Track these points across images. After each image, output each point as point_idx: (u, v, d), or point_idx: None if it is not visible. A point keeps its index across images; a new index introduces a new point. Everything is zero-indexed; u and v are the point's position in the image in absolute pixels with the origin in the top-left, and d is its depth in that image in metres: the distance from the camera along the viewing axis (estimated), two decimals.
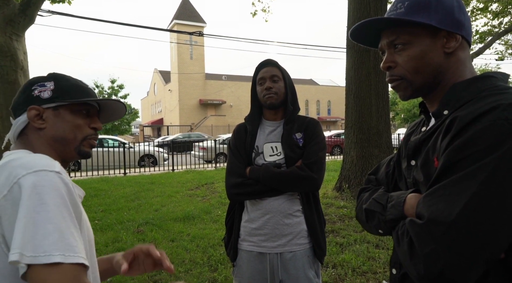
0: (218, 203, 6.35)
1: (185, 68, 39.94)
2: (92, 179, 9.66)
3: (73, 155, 0.98)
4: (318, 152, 1.64)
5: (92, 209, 6.10)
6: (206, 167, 12.48)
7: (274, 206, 1.63)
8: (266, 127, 1.78)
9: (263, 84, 1.71)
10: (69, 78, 1.01)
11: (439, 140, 0.79)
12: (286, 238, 1.62)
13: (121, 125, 29.15)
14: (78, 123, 0.97)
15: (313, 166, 1.60)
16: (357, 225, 4.68)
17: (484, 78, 0.81)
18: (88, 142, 1.00)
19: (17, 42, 4.66)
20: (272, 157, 1.70)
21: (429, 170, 0.81)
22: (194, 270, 3.49)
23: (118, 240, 4.42)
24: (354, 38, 0.97)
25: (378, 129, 5.89)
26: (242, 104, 41.42)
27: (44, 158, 0.82)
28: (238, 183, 1.65)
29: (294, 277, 1.60)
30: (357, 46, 5.90)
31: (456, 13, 0.83)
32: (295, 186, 1.62)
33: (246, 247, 1.68)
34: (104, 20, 10.61)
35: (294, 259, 1.61)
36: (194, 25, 39.22)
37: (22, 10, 4.63)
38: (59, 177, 0.77)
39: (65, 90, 0.97)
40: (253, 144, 1.74)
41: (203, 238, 4.45)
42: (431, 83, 0.86)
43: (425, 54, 0.84)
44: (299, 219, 1.65)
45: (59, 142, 0.95)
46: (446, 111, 0.81)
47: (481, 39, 13.21)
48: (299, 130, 1.70)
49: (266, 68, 1.74)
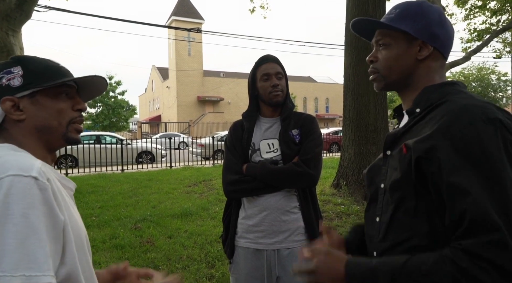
0: (215, 200, 6.36)
1: (183, 65, 39.85)
2: (90, 175, 9.65)
3: (60, 143, 0.92)
4: (314, 148, 1.64)
5: (90, 205, 6.10)
6: (204, 163, 12.48)
7: (271, 202, 1.63)
8: (262, 124, 1.77)
9: (268, 80, 1.68)
10: (36, 59, 0.91)
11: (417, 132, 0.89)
12: (283, 234, 1.62)
13: (119, 122, 29.10)
14: (60, 107, 0.89)
15: (310, 162, 1.61)
16: (354, 222, 4.70)
17: (450, 84, 0.95)
18: (74, 126, 0.92)
19: (14, 37, 4.64)
20: (268, 153, 1.69)
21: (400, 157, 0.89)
22: (191, 266, 3.50)
23: (115, 236, 4.42)
24: (355, 30, 1.10)
25: (376, 127, 5.89)
26: (240, 101, 41.37)
27: (22, 159, 0.76)
28: (235, 180, 1.65)
29: (291, 273, 1.57)
30: (355, 43, 5.89)
31: (434, 27, 0.95)
32: (292, 182, 1.62)
33: (243, 244, 1.67)
34: (101, 16, 10.56)
35: (291, 256, 1.60)
36: (192, 22, 39.08)
37: (19, 6, 4.60)
38: (35, 183, 0.70)
39: (36, 73, 0.87)
40: (250, 140, 1.73)
41: (200, 234, 4.46)
42: (402, 82, 1.00)
43: (399, 57, 0.98)
44: (296, 215, 1.65)
45: (43, 131, 0.87)
46: (418, 110, 0.93)
47: (479, 37, 13.22)
48: (296, 127, 1.70)
49: (270, 64, 1.71)
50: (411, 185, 0.85)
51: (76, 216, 0.87)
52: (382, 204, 0.96)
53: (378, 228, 0.96)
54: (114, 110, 28.35)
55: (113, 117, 28.54)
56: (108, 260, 3.67)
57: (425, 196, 0.83)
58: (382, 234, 0.93)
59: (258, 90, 1.73)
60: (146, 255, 3.81)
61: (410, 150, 0.84)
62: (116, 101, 28.63)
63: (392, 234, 0.91)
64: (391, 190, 0.91)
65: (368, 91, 5.80)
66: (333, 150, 17.03)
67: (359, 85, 5.88)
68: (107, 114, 28.20)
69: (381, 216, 0.96)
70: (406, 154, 0.86)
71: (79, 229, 0.85)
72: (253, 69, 1.75)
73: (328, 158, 13.79)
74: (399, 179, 0.88)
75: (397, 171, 0.89)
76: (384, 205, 0.95)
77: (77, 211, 0.91)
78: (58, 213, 0.74)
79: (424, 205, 0.84)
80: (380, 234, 0.94)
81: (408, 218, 0.87)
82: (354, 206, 5.39)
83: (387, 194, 0.93)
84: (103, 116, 28.06)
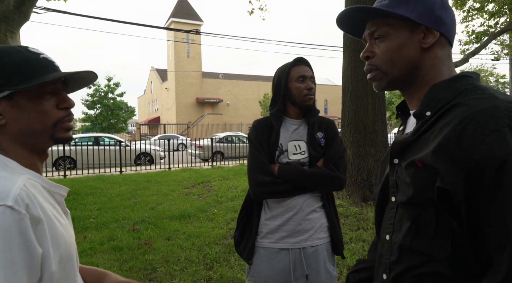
0: (214, 202, 6.35)
1: (182, 66, 39.85)
2: (88, 177, 9.62)
3: (48, 144, 0.83)
4: (343, 153, 1.70)
5: (88, 207, 6.08)
6: (203, 165, 12.46)
7: (299, 202, 1.65)
8: (288, 125, 1.75)
9: (304, 82, 1.70)
10: (11, 51, 0.78)
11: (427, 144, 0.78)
12: (308, 233, 1.65)
13: (118, 124, 29.04)
14: (43, 109, 0.79)
15: (340, 166, 1.66)
16: (352, 224, 4.69)
17: (462, 78, 0.82)
18: (62, 126, 0.83)
19: (12, 39, 4.63)
20: (295, 155, 1.69)
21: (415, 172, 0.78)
22: (189, 268, 3.49)
23: (113, 238, 4.41)
24: (342, 27, 0.97)
25: (374, 129, 5.90)
26: (239, 103, 41.39)
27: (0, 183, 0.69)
28: (267, 182, 1.61)
29: (315, 271, 1.63)
30: (354, 45, 5.90)
31: (437, 10, 0.83)
32: (324, 186, 1.67)
33: (267, 245, 1.67)
34: (100, 18, 10.56)
35: (315, 254, 1.65)
36: (191, 23, 39.10)
37: (17, 7, 4.60)
38: (10, 213, 0.65)
39: (11, 71, 0.75)
40: (278, 141, 1.71)
41: (198, 236, 4.45)
42: (407, 77, 0.86)
43: (401, 47, 0.84)
44: (320, 214, 1.69)
45: (28, 135, 0.79)
46: (429, 113, 0.80)
47: (477, 39, 13.25)
48: (320, 130, 1.74)
49: (305, 67, 1.73)
50: (431, 205, 0.74)
51: (64, 229, 0.80)
52: (394, 221, 0.86)
53: (389, 248, 0.86)
54: (112, 112, 28.29)
55: (112, 118, 28.46)
56: (106, 262, 3.65)
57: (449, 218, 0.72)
58: (395, 255, 0.83)
59: (290, 91, 1.71)
60: (144, 257, 3.79)
61: (428, 167, 0.73)
62: (115, 103, 28.57)
63: (406, 256, 0.80)
64: (405, 206, 0.80)
65: (367, 93, 5.80)
66: None
67: (357, 87, 5.89)
68: (105, 115, 28.12)
69: (392, 234, 0.86)
70: (422, 169, 0.75)
71: (66, 244, 0.79)
72: (286, 70, 1.73)
73: None
74: (414, 196, 0.77)
75: (411, 187, 0.78)
76: (397, 221, 0.85)
77: (66, 221, 0.85)
78: (35, 244, 0.69)
79: (447, 226, 0.73)
80: (393, 256, 0.84)
81: (427, 239, 0.76)
82: (352, 207, 5.39)
83: (400, 210, 0.83)
84: (101, 117, 27.99)
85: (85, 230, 4.81)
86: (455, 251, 0.72)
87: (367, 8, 0.87)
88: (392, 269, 0.84)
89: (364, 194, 5.79)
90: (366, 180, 5.85)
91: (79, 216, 5.40)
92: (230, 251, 3.92)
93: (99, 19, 10.53)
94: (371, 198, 5.67)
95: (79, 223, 5.02)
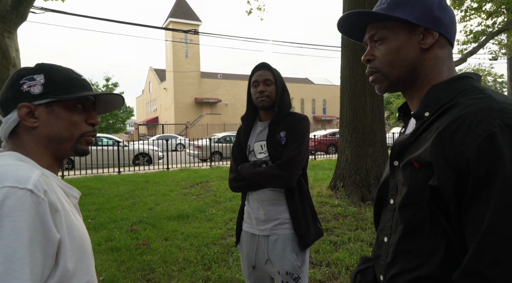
0: (212, 202, 6.34)
1: (180, 66, 39.82)
2: (86, 177, 9.60)
3: (69, 153, 0.92)
4: (292, 151, 1.77)
5: (86, 207, 6.06)
6: (201, 165, 12.45)
7: (261, 196, 1.84)
8: (258, 127, 1.94)
9: (257, 87, 1.85)
10: (60, 69, 0.92)
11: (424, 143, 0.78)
12: (273, 222, 1.81)
13: (116, 124, 28.99)
14: (74, 120, 0.90)
15: (284, 165, 1.74)
16: (351, 224, 4.69)
17: (461, 79, 0.82)
18: (86, 139, 0.93)
19: (9, 39, 4.61)
20: (261, 154, 1.88)
21: (411, 172, 0.79)
22: (187, 268, 3.48)
23: (111, 239, 4.39)
24: (343, 32, 0.99)
25: (372, 128, 5.90)
26: (237, 103, 41.37)
27: (21, 170, 0.75)
28: (232, 178, 1.92)
29: (277, 257, 1.78)
30: (352, 44, 5.91)
31: (435, 10, 0.84)
32: (269, 183, 1.79)
33: (245, 228, 1.93)
34: (98, 18, 10.53)
35: (277, 241, 1.80)
36: (189, 23, 39.07)
37: (14, 7, 4.58)
38: (30, 196, 0.70)
39: (57, 84, 0.89)
40: (247, 142, 1.94)
41: (197, 236, 4.44)
42: (407, 78, 0.87)
43: (401, 49, 0.85)
44: (283, 207, 1.81)
45: (54, 141, 0.88)
46: (427, 113, 0.81)
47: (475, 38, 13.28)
48: (284, 129, 1.83)
49: (260, 72, 1.87)
50: (425, 205, 0.75)
51: (79, 224, 0.87)
52: (392, 223, 0.87)
53: (386, 250, 0.87)
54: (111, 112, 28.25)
55: (110, 119, 28.43)
56: (104, 263, 3.64)
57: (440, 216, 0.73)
58: (390, 257, 0.84)
59: (251, 96, 1.90)
60: (142, 257, 3.78)
61: (424, 167, 0.74)
62: None
63: (401, 259, 0.81)
64: (401, 208, 0.81)
65: (365, 93, 5.81)
66: (330, 151, 17.04)
67: (355, 87, 5.89)
68: (104, 116, 28.08)
69: (389, 236, 0.87)
70: (418, 169, 0.76)
71: (81, 238, 0.85)
72: (249, 77, 1.92)
73: (325, 160, 13.81)
74: (410, 196, 0.78)
75: (407, 187, 0.79)
76: (394, 224, 0.85)
77: (80, 219, 0.91)
78: (52, 228, 0.74)
79: (442, 228, 0.73)
80: (388, 258, 0.85)
81: (422, 240, 0.76)
82: (351, 207, 5.39)
83: (397, 212, 0.84)
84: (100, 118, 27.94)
85: None
86: (449, 252, 0.72)
87: (365, 12, 0.88)
88: (387, 271, 0.85)
89: (363, 193, 5.79)
90: (364, 179, 5.85)
91: None
92: (228, 252, 3.91)
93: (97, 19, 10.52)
94: (370, 197, 5.67)
95: None
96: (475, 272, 0.64)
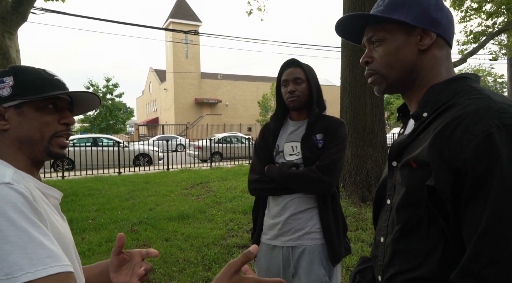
0: (212, 202, 6.34)
1: (181, 67, 39.83)
2: (86, 178, 9.60)
3: (42, 156, 0.89)
4: (333, 155, 1.64)
5: (86, 208, 6.07)
6: (201, 166, 12.45)
7: (289, 202, 1.68)
8: (289, 126, 1.80)
9: (287, 86, 1.72)
10: (31, 70, 0.90)
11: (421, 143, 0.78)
12: (298, 232, 1.66)
13: (116, 124, 28.99)
14: (45, 120, 0.88)
15: (325, 169, 1.61)
16: (351, 224, 4.69)
17: (459, 79, 0.82)
18: (57, 141, 0.90)
19: (10, 40, 4.62)
20: (291, 156, 1.72)
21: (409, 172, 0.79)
22: (188, 269, 3.48)
23: (111, 239, 4.39)
24: (342, 35, 0.99)
25: (373, 129, 5.90)
26: (237, 104, 41.38)
27: None
28: (256, 179, 1.74)
29: (304, 270, 1.62)
30: (352, 45, 5.91)
31: (432, 11, 0.84)
32: (305, 188, 1.65)
33: (265, 241, 1.76)
34: (98, 18, 10.55)
35: (304, 254, 1.63)
36: (189, 24, 39.08)
37: (15, 8, 4.59)
38: (10, 188, 0.70)
39: (26, 85, 0.86)
40: (275, 142, 1.78)
41: (197, 237, 4.44)
42: (406, 80, 0.87)
43: (398, 50, 0.86)
44: (311, 215, 1.66)
45: (26, 143, 0.86)
46: (426, 114, 0.81)
47: (475, 39, 13.28)
48: (321, 131, 1.70)
49: (290, 70, 1.74)
50: (423, 205, 0.74)
51: (60, 226, 0.84)
52: (388, 223, 0.87)
53: (383, 250, 0.87)
54: (111, 113, 28.24)
55: (110, 119, 28.41)
56: None
57: (438, 216, 0.72)
58: (388, 257, 0.84)
59: (282, 95, 1.78)
60: None
61: (422, 167, 0.74)
62: (114, 104, 28.52)
63: (398, 259, 0.81)
64: (398, 208, 0.81)
65: (365, 93, 5.81)
66: None
67: (355, 88, 5.89)
68: (104, 116, 28.07)
69: (386, 236, 0.87)
70: (416, 169, 0.76)
71: (63, 239, 0.83)
72: (278, 75, 1.80)
73: None
74: (408, 196, 0.78)
75: (405, 187, 0.79)
76: (390, 224, 0.86)
77: (60, 220, 0.88)
78: (42, 211, 0.74)
79: (439, 228, 0.73)
80: (386, 258, 0.85)
81: (419, 240, 0.76)
82: (351, 207, 5.39)
83: (393, 212, 0.84)
84: (100, 118, 27.94)
85: (83, 231, 4.80)
86: (446, 253, 0.72)
87: (362, 15, 0.89)
88: (385, 271, 0.85)
89: (363, 194, 5.79)
90: (364, 180, 5.85)
91: (77, 217, 5.39)
92: (228, 252, 3.91)
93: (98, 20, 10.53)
94: (370, 198, 5.67)
95: (77, 224, 5.01)
96: (473, 272, 0.64)
